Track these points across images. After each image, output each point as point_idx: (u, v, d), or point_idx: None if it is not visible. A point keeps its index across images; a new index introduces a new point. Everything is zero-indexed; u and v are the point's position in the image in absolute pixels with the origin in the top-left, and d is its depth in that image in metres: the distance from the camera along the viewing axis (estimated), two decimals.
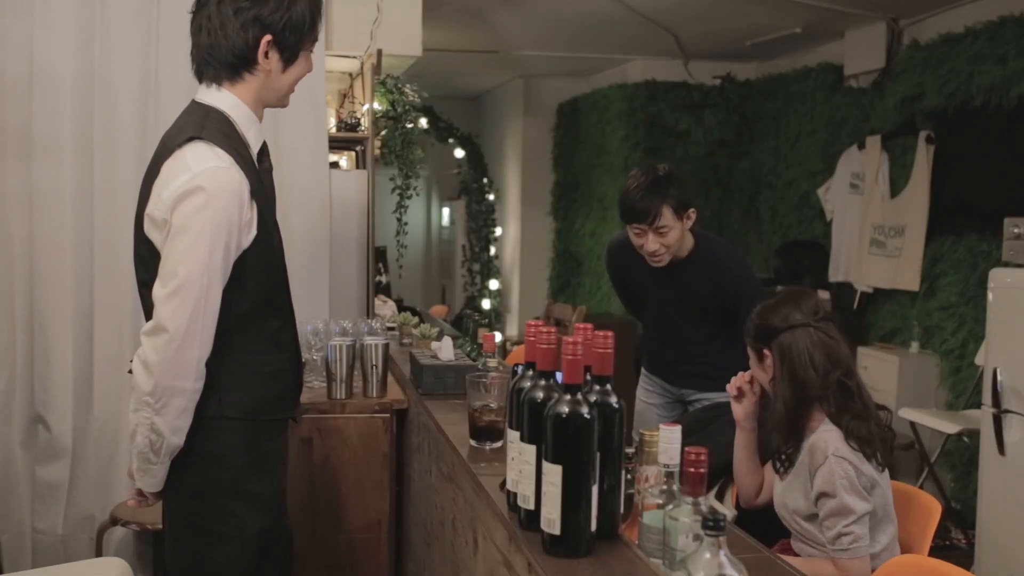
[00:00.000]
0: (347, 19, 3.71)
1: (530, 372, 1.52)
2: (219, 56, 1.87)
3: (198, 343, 1.80)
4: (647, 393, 3.12)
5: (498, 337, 5.93)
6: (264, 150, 2.01)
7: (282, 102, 1.99)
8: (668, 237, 2.72)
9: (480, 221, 8.34)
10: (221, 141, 1.82)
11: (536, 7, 5.45)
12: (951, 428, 4.13)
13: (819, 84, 5.97)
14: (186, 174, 1.78)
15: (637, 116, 6.82)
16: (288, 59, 1.90)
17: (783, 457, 2.11)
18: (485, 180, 8.27)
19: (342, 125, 3.70)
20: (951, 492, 4.57)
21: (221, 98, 1.89)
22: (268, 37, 1.85)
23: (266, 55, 1.86)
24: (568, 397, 1.38)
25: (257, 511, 1.95)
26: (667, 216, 2.69)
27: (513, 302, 8.38)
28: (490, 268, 8.35)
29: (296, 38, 1.88)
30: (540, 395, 1.44)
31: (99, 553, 3.02)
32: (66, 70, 3.08)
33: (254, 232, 1.86)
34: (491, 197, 8.28)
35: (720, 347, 2.88)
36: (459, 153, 8.19)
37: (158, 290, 1.80)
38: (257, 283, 1.90)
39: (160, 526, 2.92)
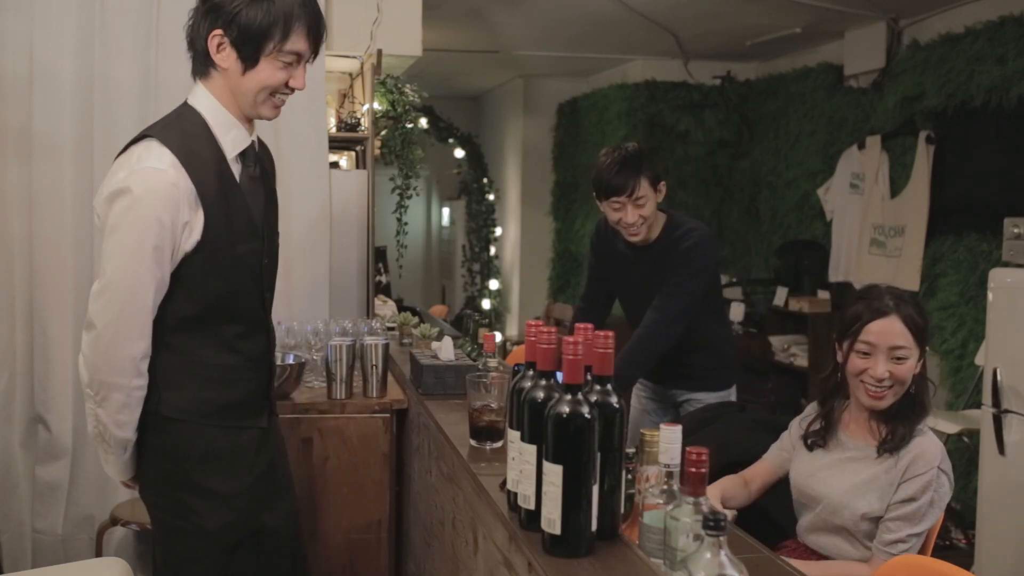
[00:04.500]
0: (347, 19, 3.71)
1: (530, 372, 1.52)
2: (191, 49, 1.90)
3: (131, 341, 1.81)
4: (640, 399, 3.13)
5: (498, 337, 5.93)
6: (252, 156, 1.97)
7: (254, 110, 1.91)
8: (646, 208, 2.76)
9: (480, 221, 8.34)
10: (175, 141, 1.82)
11: (536, 7, 5.45)
12: (951, 428, 4.13)
13: (819, 84, 5.97)
14: (124, 172, 1.80)
15: (637, 116, 6.82)
16: (245, 60, 1.84)
17: (902, 438, 2.01)
18: (485, 180, 8.27)
19: (342, 125, 3.70)
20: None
21: (201, 97, 1.90)
22: (218, 31, 1.82)
23: (218, 48, 1.84)
24: (568, 397, 1.38)
25: (217, 508, 1.93)
26: (644, 187, 2.74)
27: (513, 302, 8.38)
28: (490, 268, 8.35)
29: (248, 38, 1.82)
30: (540, 395, 1.44)
31: (99, 553, 3.02)
32: (66, 70, 3.08)
33: (196, 236, 1.84)
34: (491, 197, 8.28)
35: (691, 343, 2.85)
36: (459, 153, 8.19)
37: (93, 286, 1.83)
38: (206, 287, 1.88)
39: None
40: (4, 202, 3.10)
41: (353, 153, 4.04)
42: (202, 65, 1.88)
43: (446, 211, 10.13)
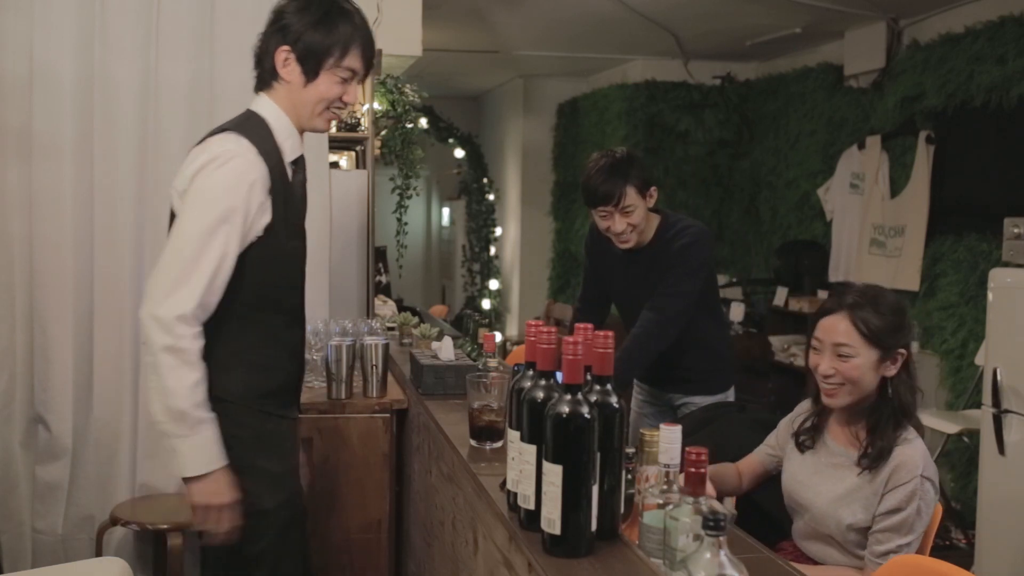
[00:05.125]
0: None
1: (530, 372, 1.52)
2: (259, 64, 2.06)
3: (182, 299, 1.87)
4: (638, 403, 3.11)
5: (498, 337, 5.93)
6: (301, 164, 2.12)
7: (311, 122, 2.08)
8: (634, 216, 2.72)
9: (480, 221, 8.34)
10: (251, 134, 1.97)
11: (536, 7, 5.45)
12: (951, 428, 4.13)
13: (819, 84, 5.97)
14: (205, 156, 1.94)
15: (637, 116, 6.82)
16: (308, 73, 2.01)
17: (884, 452, 1.97)
18: (485, 180, 8.27)
19: (342, 125, 3.70)
20: (951, 492, 4.57)
21: (264, 105, 2.05)
22: (285, 47, 2.00)
23: (284, 63, 2.01)
24: (568, 397, 1.38)
25: (272, 487, 2.02)
26: (631, 195, 2.70)
27: (513, 302, 8.38)
28: (490, 268, 8.35)
29: (311, 54, 2.00)
30: (540, 395, 1.44)
31: (99, 553, 3.02)
32: (66, 70, 3.08)
33: (266, 220, 1.96)
34: (491, 197, 8.28)
35: (686, 345, 2.84)
36: (459, 153, 8.19)
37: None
38: (261, 276, 1.99)
39: (160, 526, 2.94)
40: (4, 202, 3.10)
41: (353, 153, 4.04)
42: (267, 78, 2.05)
43: (446, 211, 10.13)
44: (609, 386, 1.42)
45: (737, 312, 6.04)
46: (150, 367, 1.90)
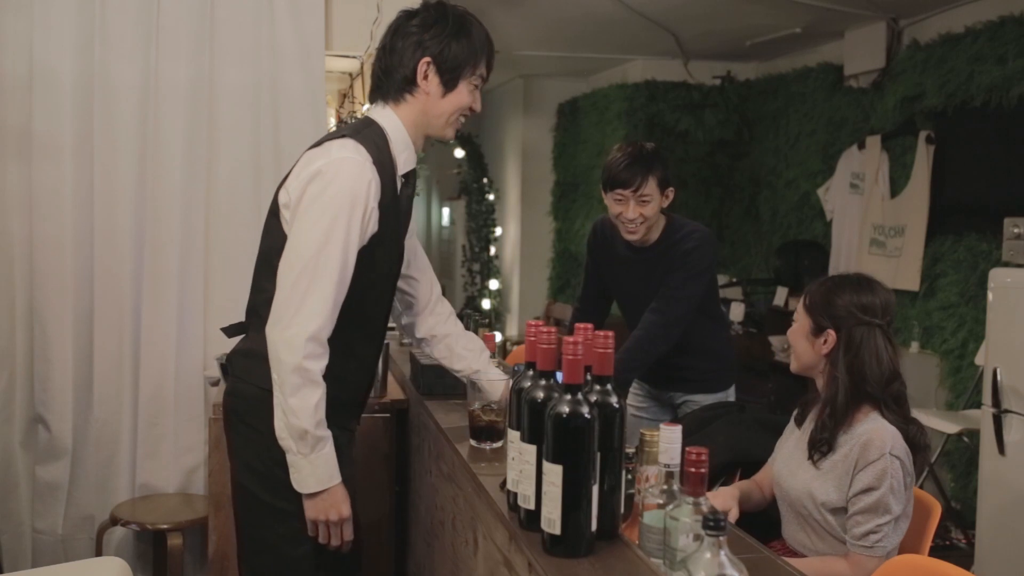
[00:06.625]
0: (347, 19, 3.71)
1: (530, 372, 1.52)
2: (388, 77, 2.04)
3: (305, 318, 1.84)
4: (635, 397, 3.12)
5: (498, 337, 5.93)
6: (413, 179, 2.11)
7: (442, 132, 2.08)
8: (648, 208, 2.74)
9: (480, 221, 8.33)
10: (369, 143, 1.96)
11: (536, 7, 5.45)
12: (951, 428, 4.13)
13: (819, 84, 5.97)
14: (322, 160, 1.91)
15: (637, 116, 6.81)
16: (447, 84, 2.02)
17: (822, 443, 2.05)
18: (485, 180, 8.26)
19: (342, 125, 3.70)
20: (951, 492, 4.57)
21: (384, 116, 2.04)
22: (427, 59, 1.99)
23: (425, 76, 2.00)
24: (568, 397, 1.38)
25: None
26: (651, 186, 2.73)
27: (513, 302, 8.38)
28: (490, 268, 8.34)
29: (454, 65, 2.01)
30: (540, 395, 1.44)
31: (99, 553, 3.03)
32: (66, 70, 3.08)
33: (372, 231, 1.95)
34: (491, 197, 8.28)
35: (687, 346, 2.85)
36: (459, 153, 8.19)
37: (280, 263, 1.90)
38: (354, 287, 1.93)
39: (160, 526, 2.93)
40: (4, 202, 3.10)
41: None
42: (398, 91, 2.04)
43: (446, 211, 10.13)
44: (609, 386, 1.42)
45: (737, 312, 6.04)
46: (275, 384, 1.86)
